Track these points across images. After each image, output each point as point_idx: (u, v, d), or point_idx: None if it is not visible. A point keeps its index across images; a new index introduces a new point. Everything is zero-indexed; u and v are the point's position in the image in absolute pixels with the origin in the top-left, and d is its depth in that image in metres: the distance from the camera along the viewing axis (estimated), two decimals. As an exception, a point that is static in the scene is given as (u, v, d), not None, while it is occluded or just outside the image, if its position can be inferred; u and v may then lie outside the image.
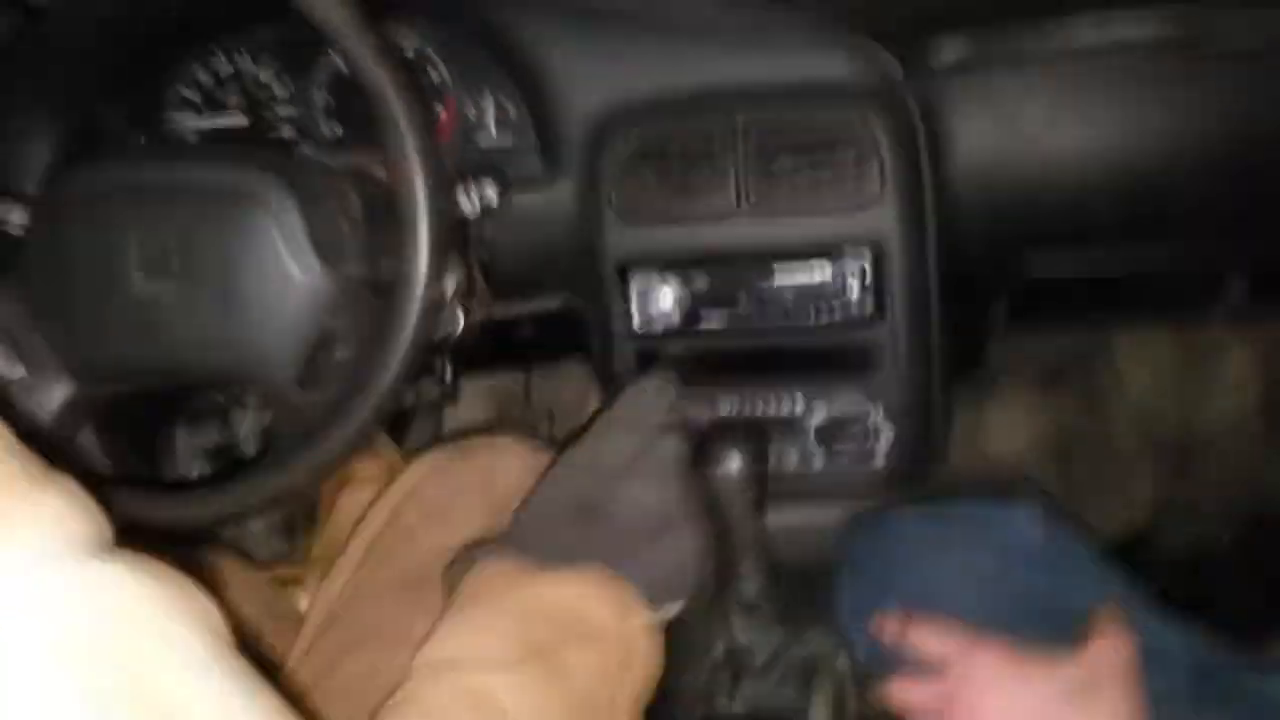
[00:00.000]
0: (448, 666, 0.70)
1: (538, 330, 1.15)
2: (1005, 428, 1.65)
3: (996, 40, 0.97)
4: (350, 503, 1.17)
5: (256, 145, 1.11)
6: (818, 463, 1.04)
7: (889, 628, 0.83)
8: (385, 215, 0.89)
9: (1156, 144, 0.98)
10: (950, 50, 0.98)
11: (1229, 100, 0.96)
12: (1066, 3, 0.97)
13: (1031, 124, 0.98)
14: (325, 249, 0.85)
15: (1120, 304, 1.22)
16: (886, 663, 0.85)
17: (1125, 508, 1.62)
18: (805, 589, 1.00)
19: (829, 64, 0.99)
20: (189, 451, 1.46)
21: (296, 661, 0.90)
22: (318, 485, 0.87)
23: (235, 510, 0.89)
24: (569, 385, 1.53)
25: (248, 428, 1.47)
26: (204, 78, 1.14)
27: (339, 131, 1.12)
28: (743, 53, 1.00)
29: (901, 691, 0.80)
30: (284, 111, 1.13)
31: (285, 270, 0.84)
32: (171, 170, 0.87)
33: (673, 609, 0.79)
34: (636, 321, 1.03)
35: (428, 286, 0.82)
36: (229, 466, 1.39)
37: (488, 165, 0.97)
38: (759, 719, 0.69)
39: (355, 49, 0.81)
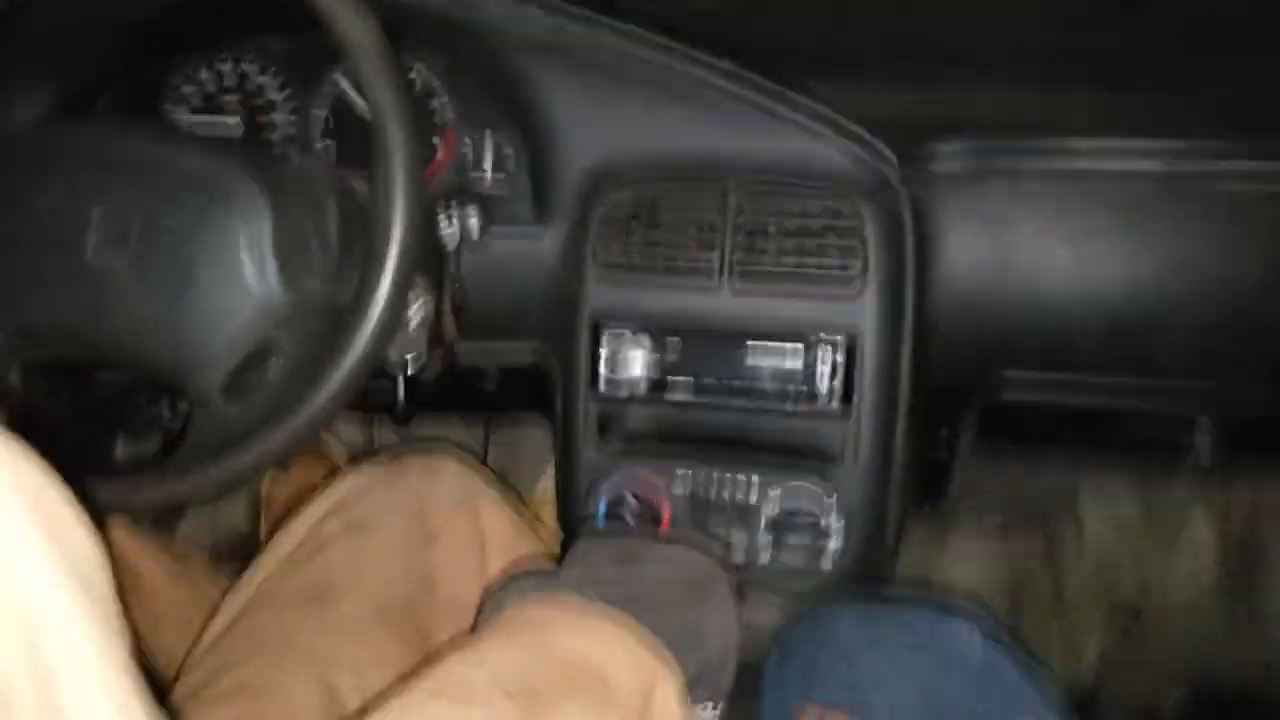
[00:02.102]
0: (432, 693, 0.66)
1: (502, 384, 1.12)
2: (960, 564, 1.62)
3: (996, 152, 0.97)
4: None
5: (245, 145, 1.09)
6: (765, 556, 1.00)
7: (809, 722, 0.79)
8: (357, 240, 0.87)
9: (1144, 277, 0.98)
10: (949, 155, 0.98)
11: (1226, 243, 0.96)
12: (1071, 126, 0.98)
13: (1021, 238, 0.98)
14: (288, 261, 0.83)
15: (1090, 439, 1.20)
16: (806, 761, 0.81)
17: (1073, 662, 1.58)
18: (735, 686, 0.96)
19: (828, 151, 0.99)
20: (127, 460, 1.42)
21: (189, 666, 0.85)
22: (212, 500, 0.84)
23: (122, 507, 0.85)
24: (527, 448, 1.50)
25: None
26: (206, 77, 1.13)
27: (331, 151, 1.11)
28: (745, 127, 1.00)
29: (816, 790, 0.76)
30: (280, 122, 1.12)
31: (242, 273, 0.81)
32: (153, 147, 0.85)
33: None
34: (603, 381, 1.01)
35: (384, 313, 0.80)
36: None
37: (476, 198, 0.96)
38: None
39: (367, 63, 0.80)
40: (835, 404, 0.98)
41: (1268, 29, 1.09)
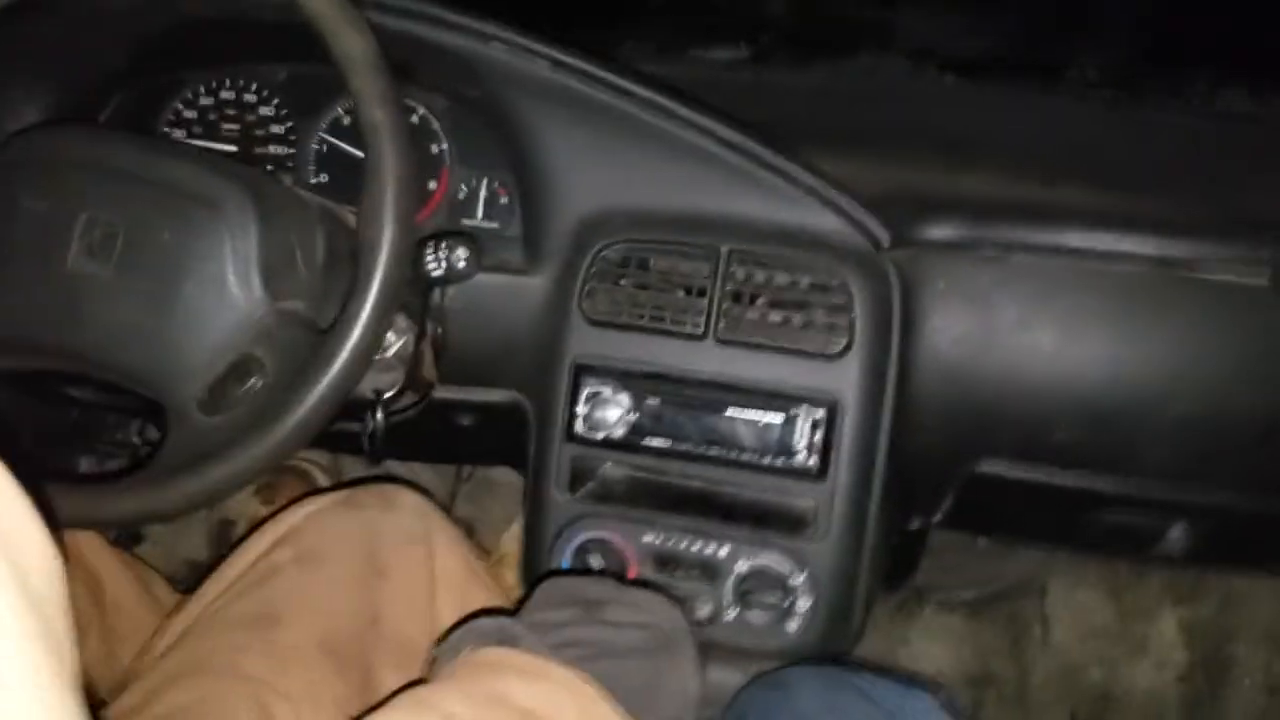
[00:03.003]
0: None
1: (478, 425, 1.11)
2: (924, 648, 1.61)
3: (987, 229, 0.98)
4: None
5: (236, 160, 1.09)
6: (729, 616, 0.99)
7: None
8: (343, 265, 0.87)
9: (1128, 367, 0.98)
10: (940, 231, 0.99)
11: (1208, 334, 0.97)
12: (1062, 215, 0.99)
13: (1007, 318, 0.98)
14: (273, 277, 0.83)
15: (1062, 530, 1.20)
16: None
17: (1031, 757, 1.56)
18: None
19: (821, 221, 1.00)
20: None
21: (128, 684, 0.83)
22: (185, 515, 0.83)
23: (89, 520, 0.83)
24: (496, 498, 1.48)
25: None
26: (205, 100, 1.13)
27: (324, 180, 1.11)
28: (740, 191, 1.00)
29: None
30: (275, 150, 1.12)
31: (226, 287, 0.81)
32: (141, 157, 0.85)
33: None
34: (581, 427, 1.00)
35: (365, 336, 0.80)
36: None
37: (466, 239, 0.96)
38: None
39: (366, 85, 0.81)
40: (811, 472, 0.97)
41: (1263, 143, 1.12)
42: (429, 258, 0.93)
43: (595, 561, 0.99)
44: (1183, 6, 1.22)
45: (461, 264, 0.93)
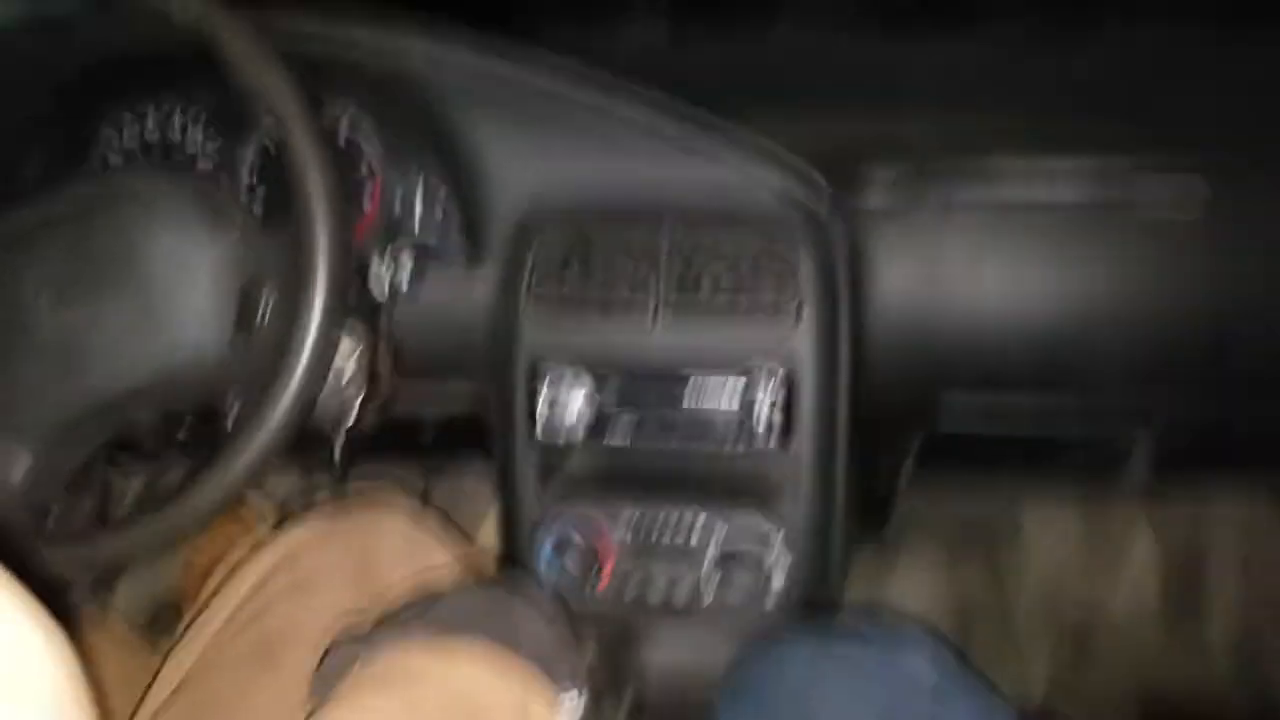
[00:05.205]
0: None
1: (442, 428, 1.11)
2: (906, 593, 1.63)
3: (927, 183, 0.99)
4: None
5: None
6: (708, 596, 0.99)
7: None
8: (286, 288, 0.87)
9: (1074, 299, 1.00)
10: (881, 187, 0.99)
11: (1149, 266, 0.99)
12: (997, 145, 1.00)
13: (953, 268, 0.99)
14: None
15: (1030, 466, 1.22)
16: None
17: (1020, 685, 1.59)
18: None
19: (761, 184, 1.00)
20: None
21: None
22: (208, 523, 0.82)
23: (122, 553, 0.83)
24: (466, 498, 1.48)
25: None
26: (129, 131, 1.11)
27: (258, 209, 1.10)
28: (677, 162, 1.00)
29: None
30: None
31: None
32: (64, 197, 0.85)
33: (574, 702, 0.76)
34: (542, 424, 1.00)
35: (315, 348, 0.79)
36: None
37: (408, 245, 0.95)
38: None
39: (283, 115, 0.80)
40: (775, 438, 0.97)
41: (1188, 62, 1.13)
42: (372, 274, 0.92)
43: (571, 554, 0.99)
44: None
45: (406, 275, 0.93)
